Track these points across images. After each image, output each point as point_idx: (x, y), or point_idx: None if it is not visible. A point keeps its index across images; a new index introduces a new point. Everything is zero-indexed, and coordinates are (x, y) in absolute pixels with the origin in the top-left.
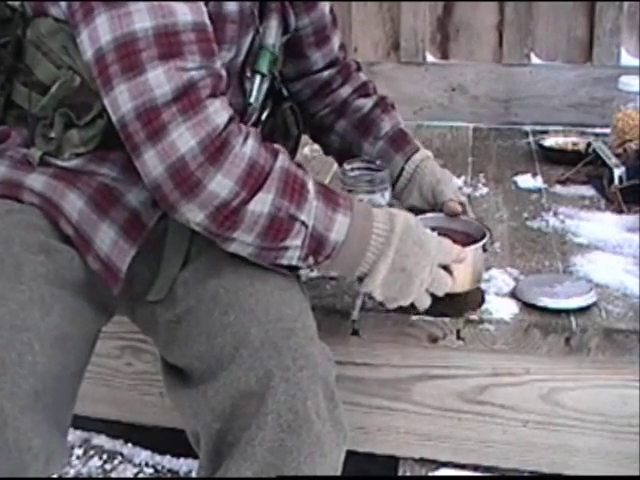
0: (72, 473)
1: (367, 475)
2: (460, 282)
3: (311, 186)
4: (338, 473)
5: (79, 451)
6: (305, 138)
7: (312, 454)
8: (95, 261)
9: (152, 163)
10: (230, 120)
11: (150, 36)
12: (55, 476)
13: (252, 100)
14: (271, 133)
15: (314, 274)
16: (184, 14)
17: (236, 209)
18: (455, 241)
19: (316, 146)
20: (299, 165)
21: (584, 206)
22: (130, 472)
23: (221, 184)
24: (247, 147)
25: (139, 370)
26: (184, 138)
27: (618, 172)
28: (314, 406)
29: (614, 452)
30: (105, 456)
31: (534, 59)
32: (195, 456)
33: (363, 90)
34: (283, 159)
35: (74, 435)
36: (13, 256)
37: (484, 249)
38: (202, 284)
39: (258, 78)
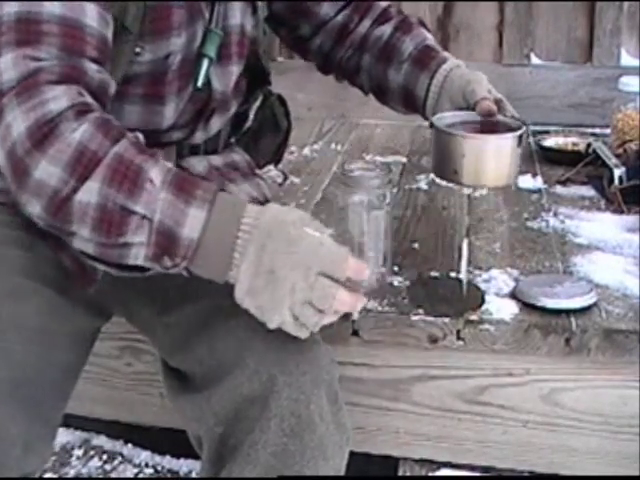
0: (72, 473)
1: (367, 475)
2: (495, 175)
3: (155, 175)
4: (342, 473)
5: (79, 451)
6: (303, 139)
7: (315, 458)
8: (67, 259)
9: None
10: (70, 107)
11: (12, 21)
12: (55, 476)
13: (199, 84)
14: (260, 126)
15: None
16: (52, 6)
17: (66, 198)
18: (492, 131)
19: (316, 146)
20: (144, 150)
21: (584, 206)
22: (130, 472)
23: (47, 171)
24: (78, 132)
25: (139, 370)
26: (17, 122)
27: (618, 172)
28: (317, 409)
29: (614, 452)
30: (105, 456)
31: (534, 59)
32: (195, 457)
33: (383, 17)
34: (123, 144)
35: (74, 435)
36: None
37: (519, 143)
38: (199, 290)
39: (206, 61)
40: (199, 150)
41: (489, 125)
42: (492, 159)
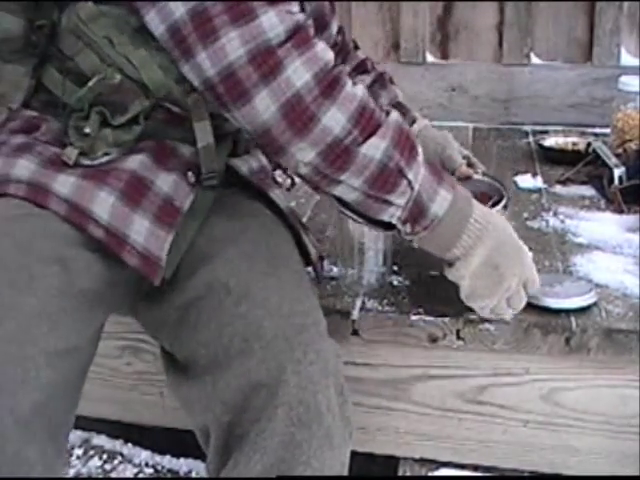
0: (72, 473)
1: (367, 475)
2: None
3: (420, 150)
4: (346, 468)
5: (79, 451)
6: None
7: (321, 448)
8: (131, 256)
9: (264, 105)
10: (337, 61)
11: None
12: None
13: None
14: None
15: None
16: None
17: (348, 148)
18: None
19: None
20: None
21: (584, 206)
22: (130, 472)
23: (335, 118)
24: (358, 89)
25: (139, 370)
26: (299, 73)
27: (618, 172)
28: (325, 400)
29: (614, 452)
30: (105, 456)
31: (534, 59)
32: (195, 456)
33: (362, 67)
34: (397, 115)
35: (74, 435)
36: (27, 267)
37: (505, 207)
38: (212, 273)
39: None
40: (239, 150)
41: (476, 196)
42: None
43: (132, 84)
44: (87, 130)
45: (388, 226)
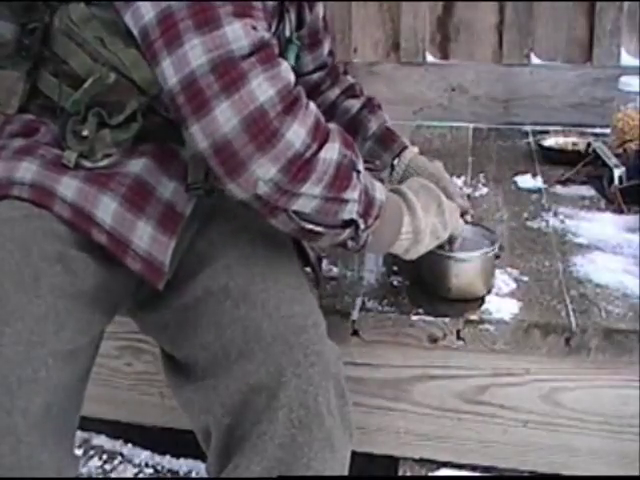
0: None
1: (367, 475)
2: (475, 288)
3: (356, 146)
4: (346, 470)
5: (79, 451)
6: None
7: (322, 450)
8: (134, 262)
9: (224, 117)
10: (296, 82)
11: None
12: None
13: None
14: None
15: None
16: None
17: (308, 160)
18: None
19: None
20: None
21: (584, 206)
22: (130, 472)
23: (297, 133)
24: (312, 106)
25: (139, 370)
26: (263, 87)
27: (618, 172)
28: (325, 402)
29: (614, 452)
30: (105, 456)
31: (534, 59)
32: (195, 456)
33: (351, 92)
34: (333, 122)
35: None
36: (31, 267)
37: (497, 256)
38: (211, 276)
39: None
40: None
41: (466, 240)
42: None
43: (127, 82)
44: (85, 133)
45: (345, 226)
